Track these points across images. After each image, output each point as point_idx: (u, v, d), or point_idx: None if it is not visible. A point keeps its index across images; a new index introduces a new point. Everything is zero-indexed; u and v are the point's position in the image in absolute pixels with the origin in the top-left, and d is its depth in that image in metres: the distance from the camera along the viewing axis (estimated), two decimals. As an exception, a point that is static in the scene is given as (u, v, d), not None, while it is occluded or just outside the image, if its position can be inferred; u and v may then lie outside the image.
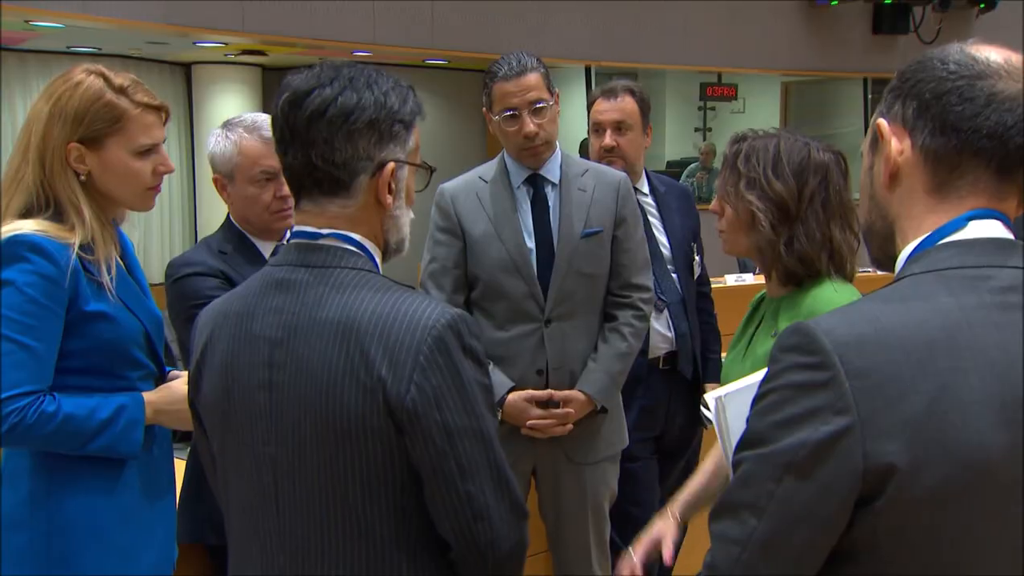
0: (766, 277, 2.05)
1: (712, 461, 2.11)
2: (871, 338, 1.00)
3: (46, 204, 1.90)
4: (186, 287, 2.38)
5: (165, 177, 2.05)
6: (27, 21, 6.11)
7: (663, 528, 1.98)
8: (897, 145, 1.13)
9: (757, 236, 1.95)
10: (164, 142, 2.03)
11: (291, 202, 1.53)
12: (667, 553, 1.91)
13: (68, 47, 7.56)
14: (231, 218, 2.57)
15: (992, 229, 1.09)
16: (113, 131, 1.93)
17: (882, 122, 1.14)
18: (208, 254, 2.47)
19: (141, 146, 1.96)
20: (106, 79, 1.94)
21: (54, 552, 1.88)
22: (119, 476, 1.94)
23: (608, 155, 3.15)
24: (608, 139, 3.16)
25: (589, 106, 3.28)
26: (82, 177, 1.93)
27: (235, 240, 2.53)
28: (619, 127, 3.18)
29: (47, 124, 1.91)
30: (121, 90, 1.94)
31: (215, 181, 2.54)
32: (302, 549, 1.39)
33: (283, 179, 1.52)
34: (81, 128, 1.91)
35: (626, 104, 3.20)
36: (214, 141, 2.50)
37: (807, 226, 1.94)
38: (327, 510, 1.37)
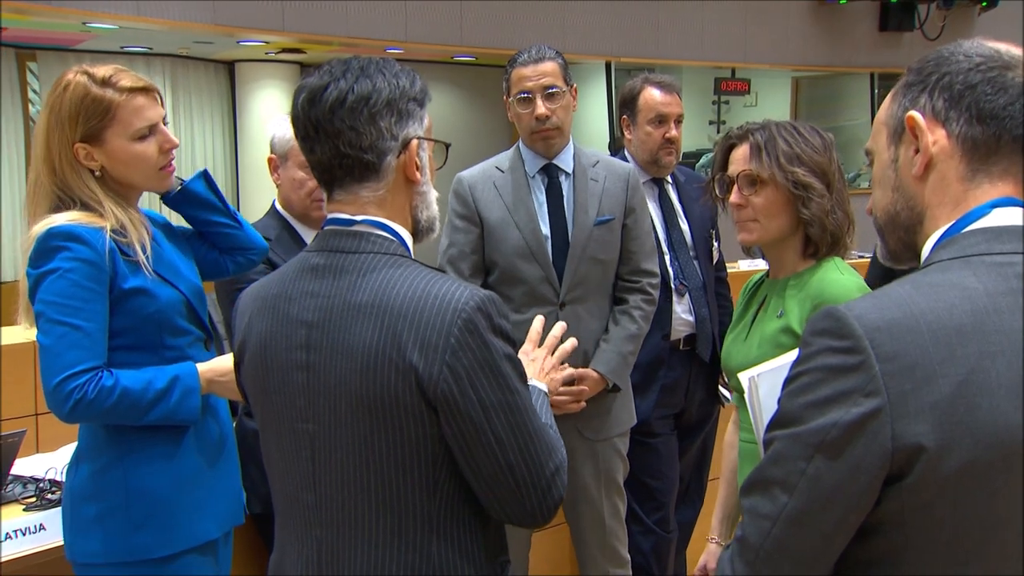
0: (777, 258, 2.02)
1: (728, 472, 2.15)
2: (901, 323, 0.98)
3: (71, 202, 1.90)
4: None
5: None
6: (84, 23, 6.13)
7: (708, 557, 2.14)
8: (931, 136, 1.10)
9: (807, 209, 1.92)
10: (164, 120, 1.99)
11: None
12: None
13: (121, 47, 7.59)
14: (276, 205, 2.58)
15: (1016, 217, 1.07)
16: (107, 123, 1.90)
17: (915, 115, 1.11)
18: None
19: (138, 130, 1.93)
20: (89, 75, 1.91)
21: (135, 516, 1.90)
22: (180, 442, 1.95)
23: (670, 146, 3.14)
24: (674, 131, 3.14)
25: (632, 97, 3.20)
26: (97, 173, 1.92)
27: (279, 227, 2.54)
28: (678, 120, 3.16)
29: (47, 132, 1.91)
30: (105, 82, 1.91)
31: (269, 161, 2.56)
32: (337, 521, 1.38)
33: None
34: (79, 128, 1.89)
35: (679, 100, 3.18)
36: (276, 125, 2.53)
37: (841, 196, 1.94)
38: (362, 484, 1.36)
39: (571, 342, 1.74)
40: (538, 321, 1.76)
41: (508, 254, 2.66)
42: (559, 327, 1.74)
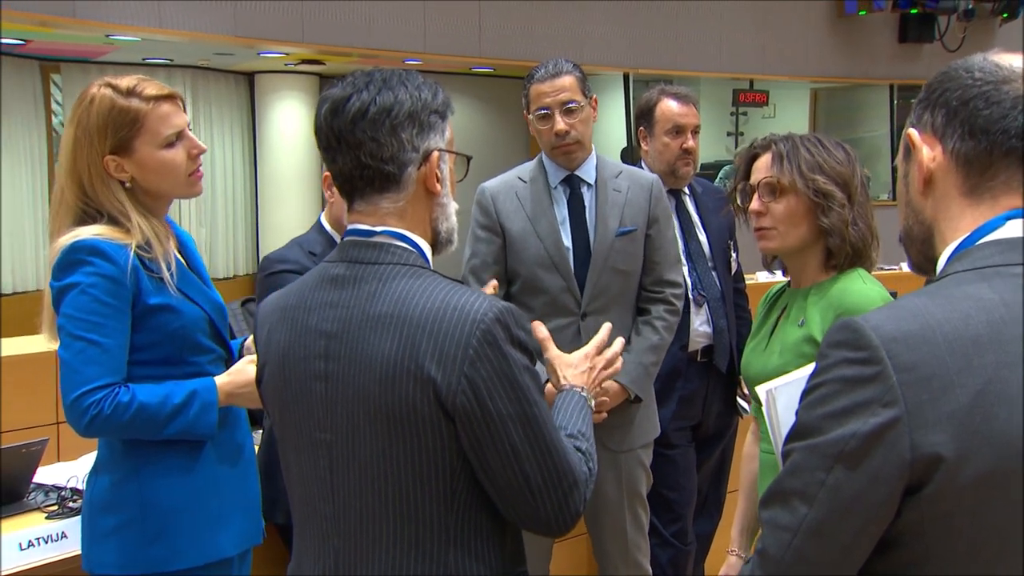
0: (798, 269, 2.02)
1: (747, 484, 2.14)
2: (917, 333, 0.98)
3: (96, 215, 1.91)
4: (278, 282, 2.39)
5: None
6: (107, 35, 6.20)
7: (727, 570, 2.13)
8: (929, 152, 1.11)
9: (827, 218, 1.92)
10: (189, 127, 2.00)
11: None
12: None
13: (143, 59, 7.67)
14: (322, 221, 2.61)
15: None
16: (136, 132, 1.91)
17: (912, 132, 1.13)
18: (300, 253, 2.52)
19: (166, 138, 1.94)
20: (113, 87, 1.92)
21: (149, 530, 1.90)
22: (198, 456, 1.95)
23: (687, 157, 3.15)
24: (691, 141, 3.16)
25: (649, 108, 3.21)
26: (127, 184, 1.93)
27: (324, 243, 2.57)
28: (695, 131, 3.18)
29: (75, 146, 1.91)
30: (130, 92, 1.92)
31: (325, 179, 2.58)
32: (355, 531, 1.39)
33: None
34: (108, 140, 1.90)
35: (696, 111, 3.20)
36: None
37: (863, 209, 1.94)
38: (379, 494, 1.36)
39: (619, 342, 1.74)
40: (605, 329, 1.76)
41: (529, 264, 2.66)
42: (606, 329, 1.76)
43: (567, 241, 2.68)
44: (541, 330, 1.74)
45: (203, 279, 2.07)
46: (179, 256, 2.01)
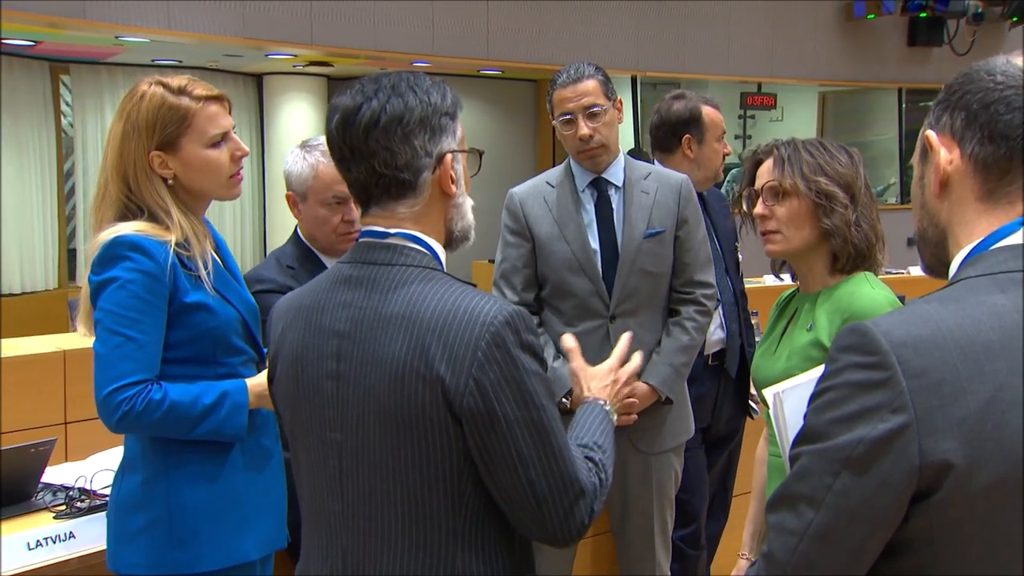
0: (805, 272, 2.03)
1: (759, 487, 2.16)
2: (928, 339, 0.97)
3: (138, 211, 1.92)
4: (258, 303, 2.38)
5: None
6: (116, 37, 6.22)
7: (738, 573, 2.15)
8: (946, 155, 1.10)
9: (829, 219, 1.94)
10: (234, 129, 2.02)
11: (357, 225, 1.50)
12: None
13: (152, 60, 7.69)
14: (299, 233, 2.56)
15: None
16: (183, 130, 1.93)
17: (930, 134, 1.12)
18: (277, 270, 2.46)
19: (212, 137, 1.96)
20: (164, 85, 1.95)
21: (175, 532, 1.90)
22: (226, 459, 1.95)
23: (724, 160, 3.23)
24: (728, 146, 3.25)
25: (695, 116, 3.19)
26: (169, 181, 1.94)
27: (302, 256, 2.51)
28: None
29: (122, 141, 1.93)
30: (180, 90, 1.95)
31: (287, 197, 2.52)
32: (363, 530, 1.39)
33: (352, 204, 1.49)
34: (156, 136, 1.92)
35: None
36: (292, 160, 2.48)
37: (868, 211, 1.95)
38: (388, 495, 1.37)
39: (637, 357, 1.71)
40: (625, 340, 1.72)
41: (558, 268, 2.67)
42: (626, 339, 1.72)
43: (594, 244, 2.68)
44: (569, 340, 1.72)
45: (237, 280, 2.07)
46: (215, 256, 2.02)
